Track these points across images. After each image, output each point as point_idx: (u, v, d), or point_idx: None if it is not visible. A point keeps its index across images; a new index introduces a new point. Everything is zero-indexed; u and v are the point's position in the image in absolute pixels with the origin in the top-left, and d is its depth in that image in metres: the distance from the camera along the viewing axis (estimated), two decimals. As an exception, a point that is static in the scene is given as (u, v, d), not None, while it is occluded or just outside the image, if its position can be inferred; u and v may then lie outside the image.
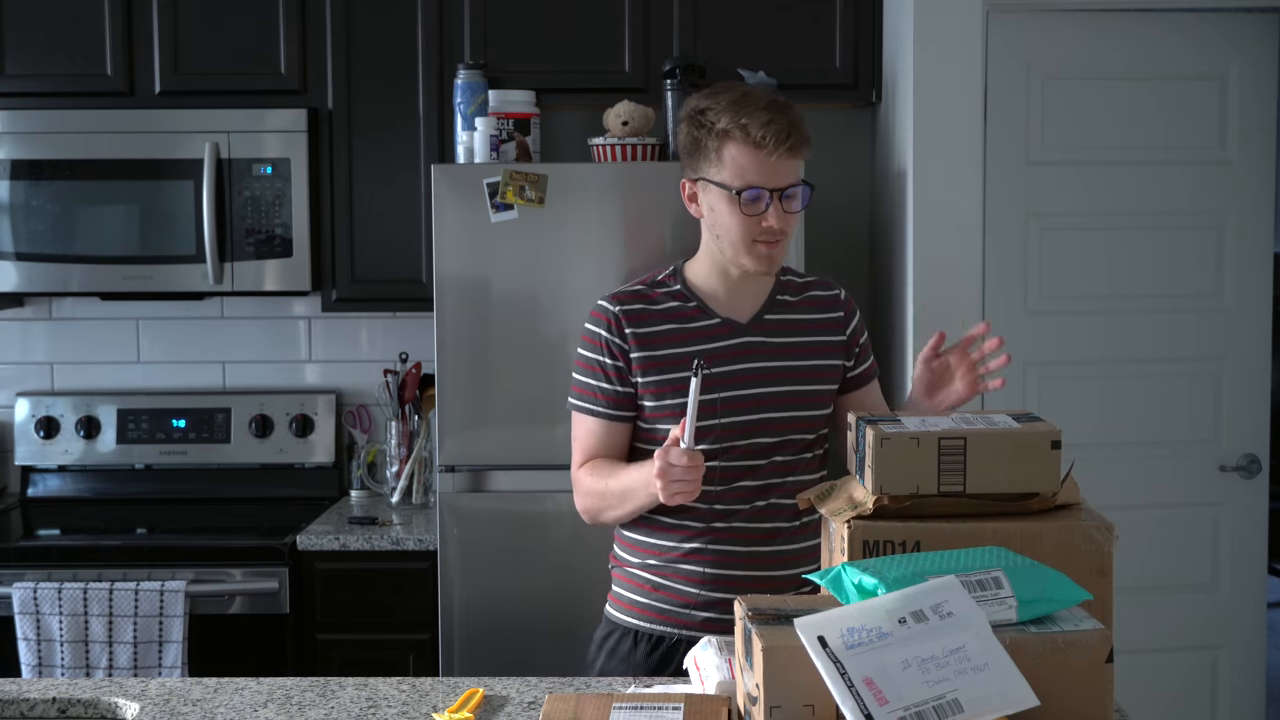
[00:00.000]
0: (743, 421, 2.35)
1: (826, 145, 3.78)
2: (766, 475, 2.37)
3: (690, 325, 2.38)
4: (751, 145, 2.27)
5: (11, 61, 3.56)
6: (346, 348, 3.91)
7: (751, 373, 2.36)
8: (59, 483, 3.85)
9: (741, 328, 2.39)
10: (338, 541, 3.32)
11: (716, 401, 2.30)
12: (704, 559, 2.37)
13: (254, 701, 2.05)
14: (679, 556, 2.38)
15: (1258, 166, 3.49)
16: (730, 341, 2.38)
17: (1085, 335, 3.47)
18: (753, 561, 2.36)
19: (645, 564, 2.42)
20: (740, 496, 2.36)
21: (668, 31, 3.50)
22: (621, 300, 2.41)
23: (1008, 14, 3.36)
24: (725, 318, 2.39)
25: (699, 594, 2.37)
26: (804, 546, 2.39)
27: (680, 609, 2.38)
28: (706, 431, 2.26)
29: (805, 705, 1.50)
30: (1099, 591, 1.69)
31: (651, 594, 2.41)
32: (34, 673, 3.21)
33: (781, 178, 2.29)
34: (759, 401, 2.36)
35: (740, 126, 2.27)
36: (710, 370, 2.21)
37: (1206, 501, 3.54)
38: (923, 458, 1.74)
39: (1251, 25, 3.45)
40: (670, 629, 2.39)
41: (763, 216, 2.29)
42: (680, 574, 2.39)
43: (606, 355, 2.39)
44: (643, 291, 2.43)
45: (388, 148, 3.54)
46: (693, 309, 2.39)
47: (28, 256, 3.52)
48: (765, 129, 2.26)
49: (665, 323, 2.38)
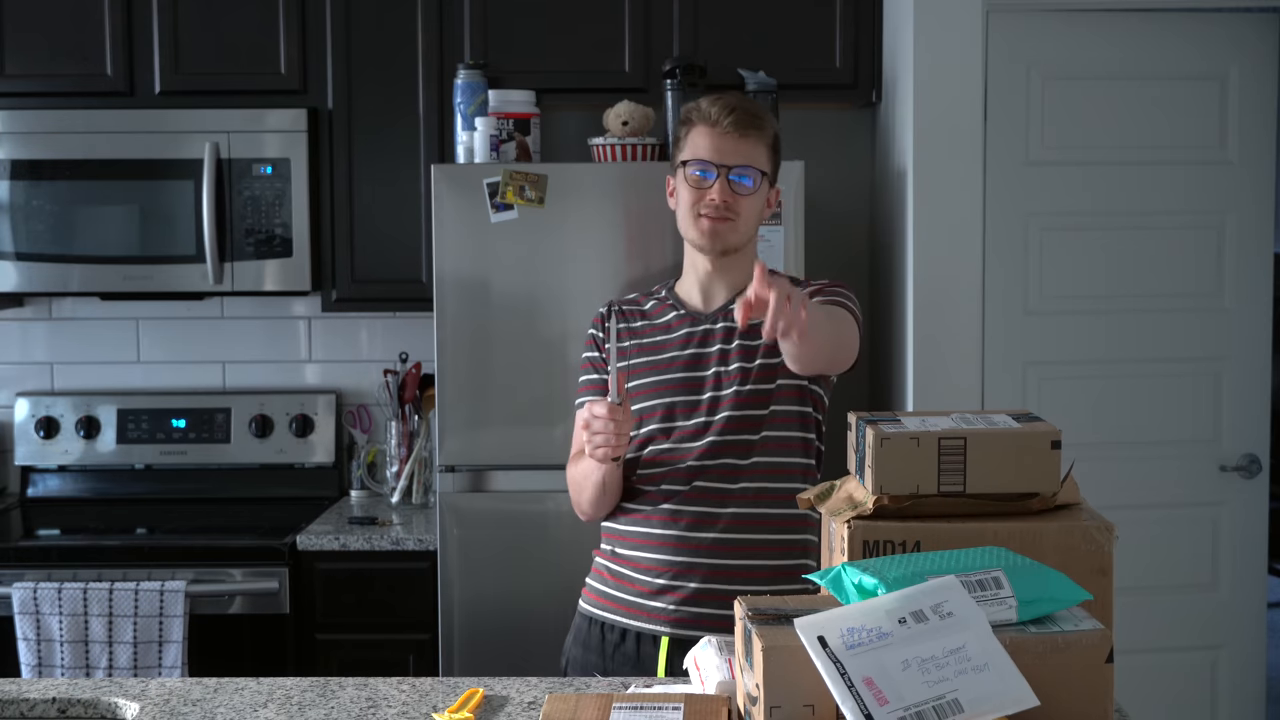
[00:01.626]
0: (685, 402, 2.42)
1: (826, 145, 3.79)
2: (703, 457, 2.41)
3: (658, 320, 2.51)
4: (705, 123, 2.42)
5: (11, 61, 3.56)
6: (346, 348, 3.91)
7: (701, 357, 2.44)
8: (59, 483, 3.85)
9: (702, 317, 2.48)
10: (338, 541, 3.32)
11: (628, 354, 2.46)
12: (652, 543, 2.43)
13: (254, 701, 2.04)
14: (631, 541, 2.47)
15: (1258, 166, 3.49)
16: (684, 330, 2.47)
17: (1085, 335, 3.47)
18: (694, 547, 2.40)
19: (607, 555, 2.53)
20: (680, 476, 2.42)
21: (668, 31, 3.50)
22: (612, 305, 2.59)
23: (1008, 14, 3.36)
24: (691, 310, 2.49)
25: (646, 581, 2.43)
26: (757, 539, 2.41)
27: (633, 599, 2.45)
28: (651, 412, 2.42)
29: (805, 705, 1.50)
30: (1099, 591, 1.69)
31: (611, 583, 2.50)
32: (34, 673, 3.21)
33: (729, 156, 2.40)
34: (699, 384, 2.42)
35: (698, 108, 2.45)
36: (625, 318, 2.44)
37: (1206, 501, 3.54)
38: (922, 458, 1.74)
39: (1251, 25, 3.45)
40: (627, 621, 2.46)
41: (708, 190, 2.39)
42: (632, 561, 2.46)
43: (595, 351, 2.55)
44: (634, 298, 2.61)
45: (388, 148, 3.54)
46: (666, 305, 2.53)
47: (28, 256, 3.52)
48: (714, 104, 2.42)
49: (640, 320, 2.53)
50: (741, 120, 2.40)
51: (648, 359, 2.47)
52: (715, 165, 2.40)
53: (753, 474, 2.40)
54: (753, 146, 2.42)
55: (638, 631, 2.44)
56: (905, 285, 3.32)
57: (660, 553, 2.42)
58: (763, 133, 2.43)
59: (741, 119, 2.40)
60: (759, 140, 2.43)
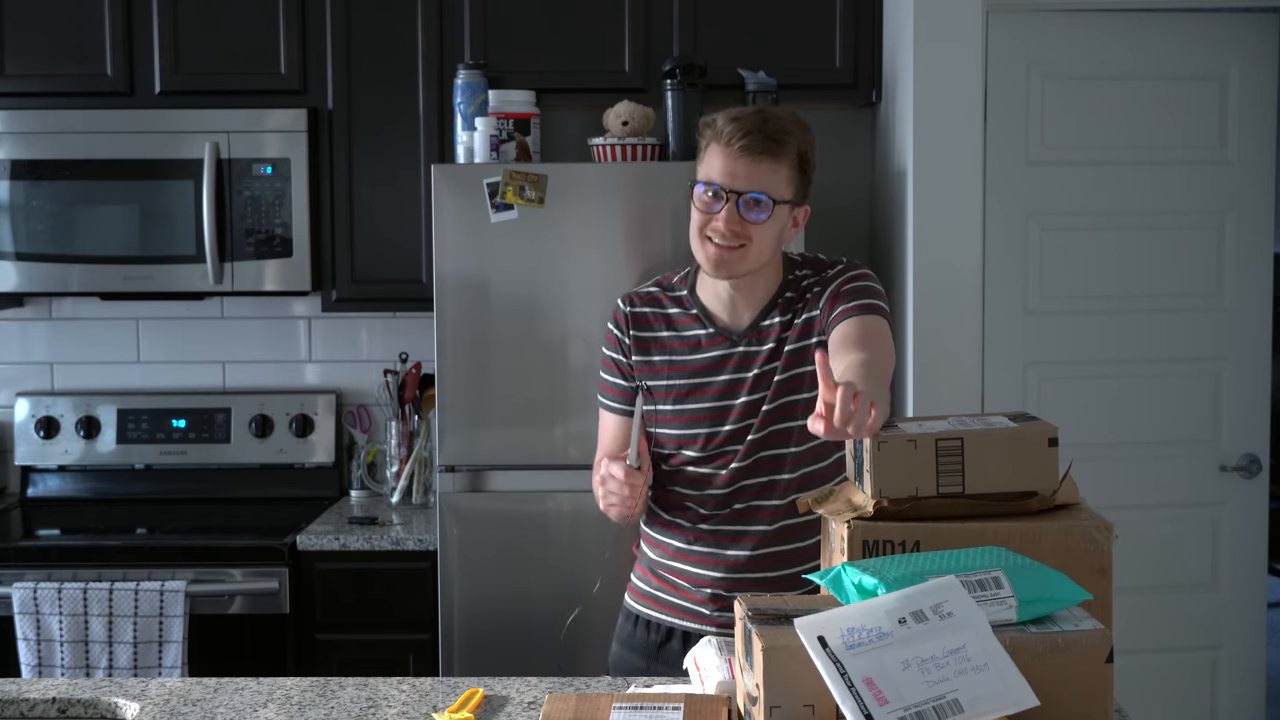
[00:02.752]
0: (726, 432, 2.33)
1: (827, 145, 3.77)
2: (740, 477, 2.34)
3: (686, 334, 2.38)
4: (720, 142, 2.26)
5: (11, 61, 3.56)
6: (346, 348, 3.91)
7: (737, 383, 2.33)
8: (59, 483, 3.85)
9: (733, 338, 2.35)
10: (338, 541, 3.32)
11: (656, 411, 2.36)
12: (693, 560, 2.38)
13: (254, 701, 2.04)
14: (671, 555, 2.41)
15: (1258, 166, 3.49)
16: (716, 353, 2.35)
17: (1085, 335, 3.47)
18: (734, 565, 2.35)
19: (649, 558, 2.47)
20: (719, 498, 2.35)
21: (668, 31, 3.50)
22: (633, 301, 2.43)
23: (1008, 14, 3.36)
24: (720, 327, 2.36)
25: (694, 590, 2.38)
26: (794, 548, 2.36)
27: (680, 602, 2.40)
28: (692, 440, 2.33)
29: (805, 705, 1.50)
30: (1099, 591, 1.69)
31: (656, 585, 2.45)
32: (34, 673, 3.21)
33: (740, 181, 2.24)
34: (740, 412, 2.33)
35: (715, 123, 2.28)
36: (653, 395, 2.28)
37: (1206, 501, 3.54)
38: (920, 460, 1.74)
39: (1251, 25, 3.45)
40: (675, 620, 2.41)
41: (714, 216, 2.25)
42: (676, 571, 2.41)
43: (618, 352, 2.43)
44: (655, 294, 2.43)
45: (388, 148, 3.54)
46: (692, 316, 2.39)
47: (28, 256, 3.52)
48: (730, 123, 2.25)
49: (665, 329, 2.40)
50: (754, 145, 2.22)
51: (682, 382, 2.35)
52: (725, 190, 2.23)
53: (788, 488, 2.32)
54: (769, 171, 2.24)
55: (684, 630, 2.38)
56: (905, 285, 3.32)
57: (700, 567, 2.37)
58: (780, 157, 2.25)
59: (754, 143, 2.22)
60: (777, 164, 2.25)
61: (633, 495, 2.24)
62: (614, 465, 2.24)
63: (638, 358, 2.39)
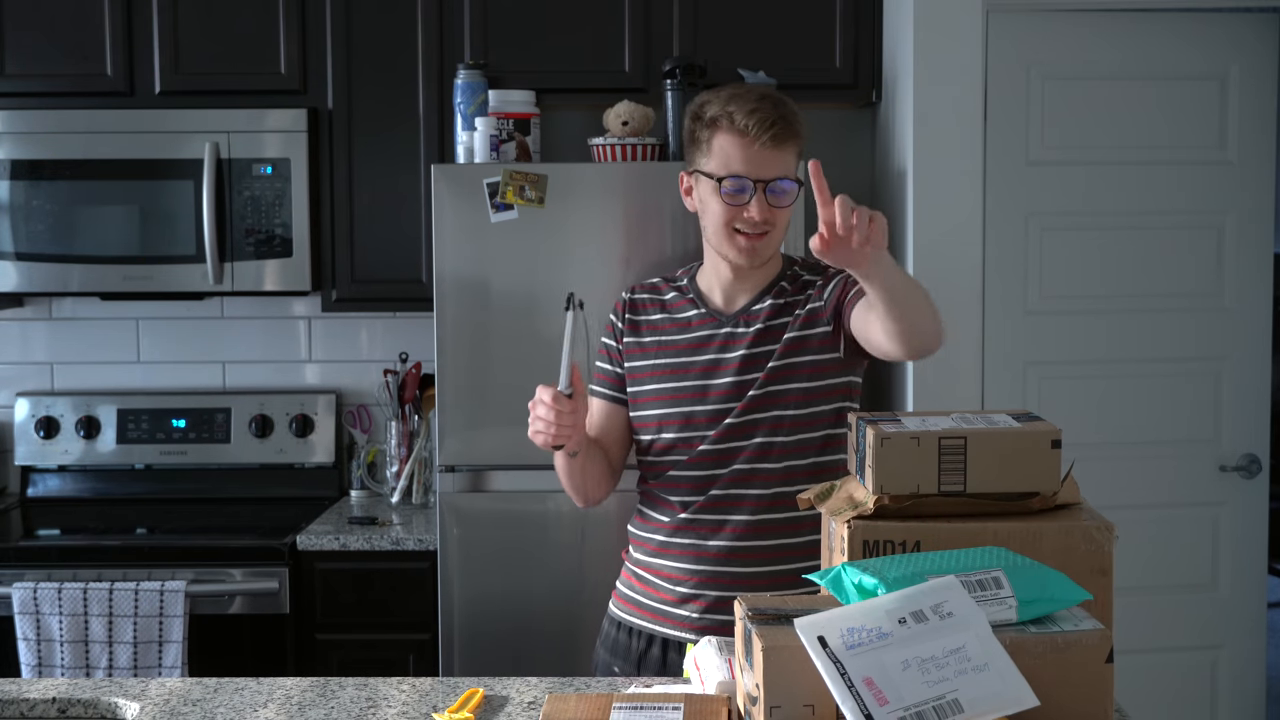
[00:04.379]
0: (706, 411, 2.35)
1: (826, 145, 3.78)
2: (720, 463, 2.35)
3: (677, 315, 2.43)
4: (737, 133, 2.28)
5: (11, 61, 3.56)
6: (346, 348, 3.91)
7: (720, 362, 2.35)
8: (59, 483, 3.85)
9: (721, 319, 2.38)
10: (338, 541, 3.32)
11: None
12: (674, 552, 2.38)
13: (254, 701, 2.04)
14: (654, 550, 2.41)
15: (1258, 166, 3.49)
16: (703, 333, 2.39)
17: (1085, 335, 3.47)
18: (714, 556, 2.35)
19: (634, 559, 2.48)
20: (698, 484, 2.36)
21: (668, 31, 3.50)
22: (634, 290, 2.51)
23: (1008, 14, 3.36)
24: (712, 309, 2.40)
25: (672, 589, 2.39)
26: (774, 544, 2.35)
27: (660, 605, 2.40)
28: (672, 419, 2.35)
29: (805, 705, 1.50)
30: (1099, 591, 1.69)
31: (638, 589, 2.45)
32: (34, 673, 3.21)
33: (766, 169, 2.28)
34: (718, 391, 2.35)
35: (727, 114, 2.29)
36: (583, 306, 2.26)
37: (1206, 501, 3.54)
38: (923, 457, 1.74)
39: (1251, 25, 3.45)
40: (654, 626, 2.41)
41: (745, 207, 2.28)
42: (656, 569, 2.41)
43: (611, 338, 2.48)
44: (656, 284, 2.51)
45: (388, 148, 3.54)
46: (687, 299, 2.44)
47: (28, 256, 3.52)
48: (750, 116, 2.27)
49: (659, 312, 2.45)
50: (780, 134, 2.27)
51: (667, 361, 2.39)
52: (753, 180, 2.27)
53: (770, 478, 2.33)
54: (789, 154, 2.31)
55: (664, 638, 2.39)
56: (905, 285, 3.32)
57: (681, 561, 2.38)
58: (796, 139, 2.31)
59: (780, 134, 2.27)
60: (794, 145, 2.32)
61: (559, 422, 2.22)
62: (544, 390, 2.23)
63: (629, 339, 2.44)
